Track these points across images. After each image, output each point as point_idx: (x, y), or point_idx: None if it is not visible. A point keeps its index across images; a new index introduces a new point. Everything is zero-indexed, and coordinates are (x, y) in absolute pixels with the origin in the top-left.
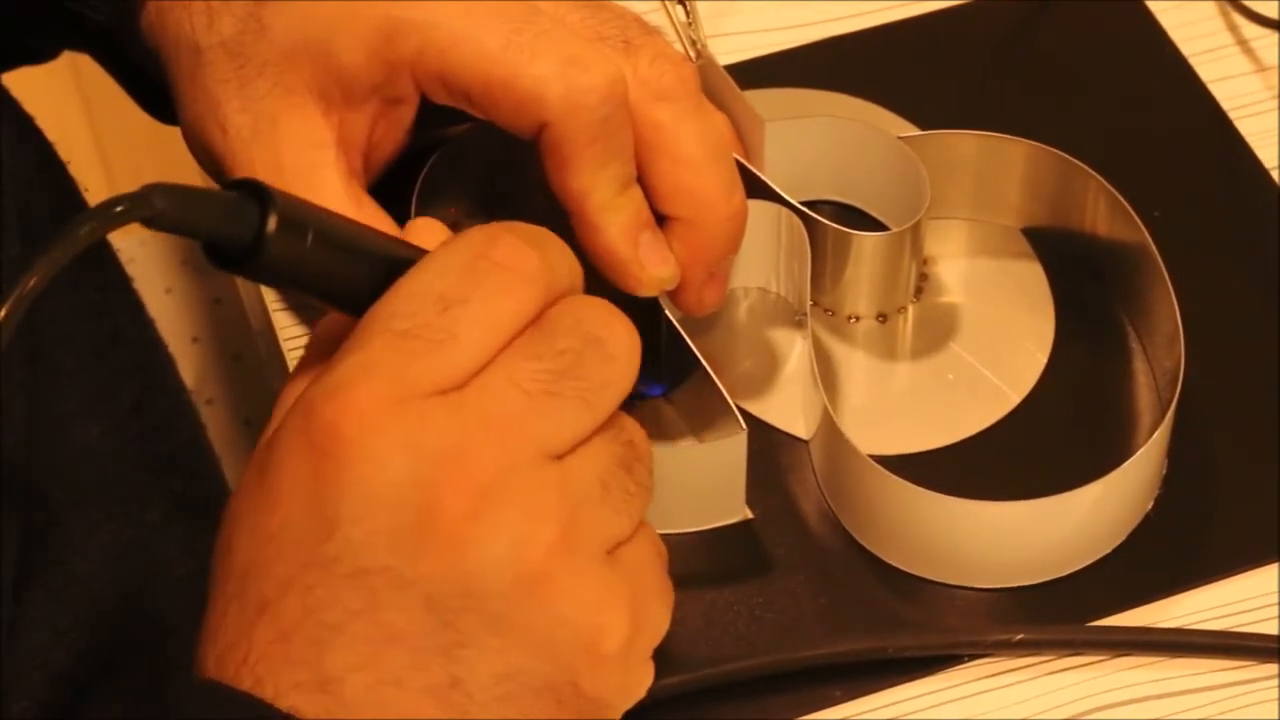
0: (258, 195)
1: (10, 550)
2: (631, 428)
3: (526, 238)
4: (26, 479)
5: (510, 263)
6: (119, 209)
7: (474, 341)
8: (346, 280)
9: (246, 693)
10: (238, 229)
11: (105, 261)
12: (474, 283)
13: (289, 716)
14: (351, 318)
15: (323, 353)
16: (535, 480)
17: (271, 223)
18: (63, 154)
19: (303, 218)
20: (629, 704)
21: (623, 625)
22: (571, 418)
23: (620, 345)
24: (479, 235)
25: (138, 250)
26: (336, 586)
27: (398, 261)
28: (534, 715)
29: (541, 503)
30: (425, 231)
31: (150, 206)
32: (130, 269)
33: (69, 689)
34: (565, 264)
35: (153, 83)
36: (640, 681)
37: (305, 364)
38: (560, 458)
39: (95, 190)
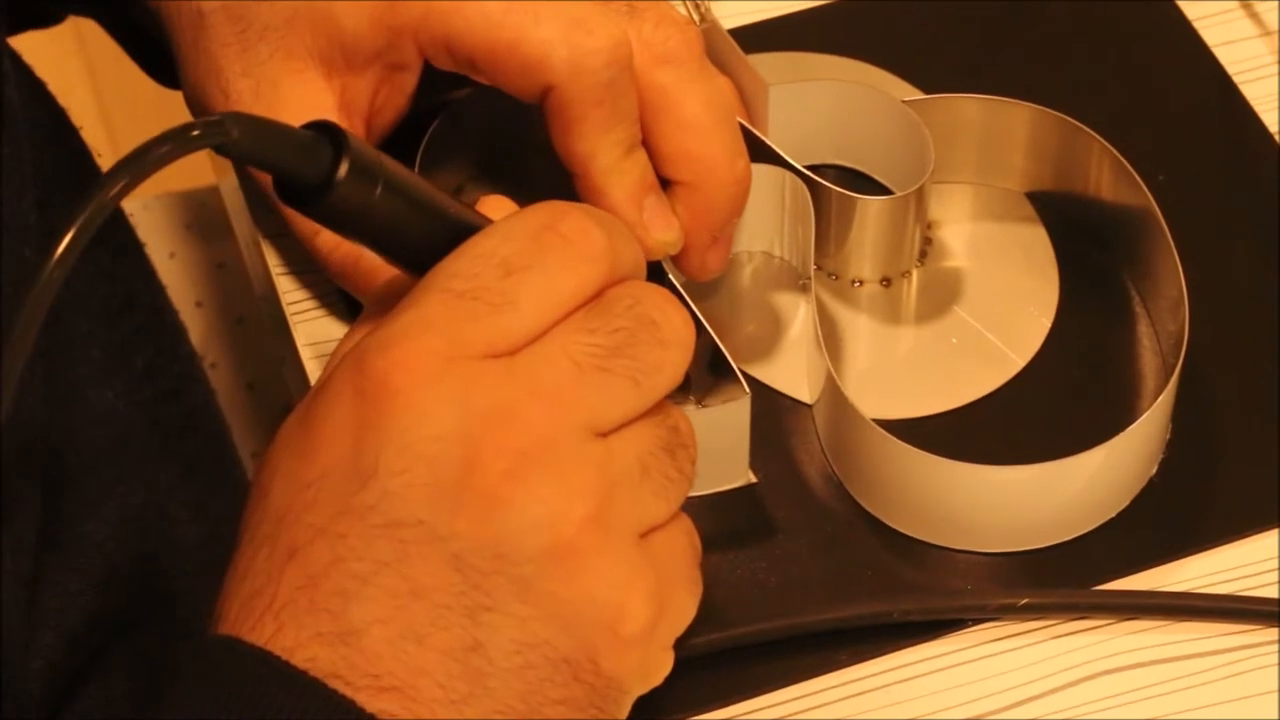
0: (333, 138)
1: (31, 512)
2: (678, 415)
3: (595, 217)
4: (43, 442)
5: (576, 238)
6: (194, 133)
7: (532, 310)
8: (410, 236)
9: (261, 648)
10: (309, 168)
11: (118, 226)
12: (539, 253)
13: (303, 673)
14: (410, 276)
15: (381, 309)
16: (576, 453)
17: (343, 167)
18: None
19: (375, 167)
20: (645, 689)
21: (645, 609)
22: (620, 396)
23: (675, 332)
24: (548, 208)
25: (141, 214)
26: (368, 536)
27: (464, 226)
28: (549, 687)
29: (580, 476)
30: (494, 207)
31: (225, 134)
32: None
33: (82, 649)
34: (630, 250)
35: (155, 46)
36: (658, 668)
37: (363, 320)
38: (605, 435)
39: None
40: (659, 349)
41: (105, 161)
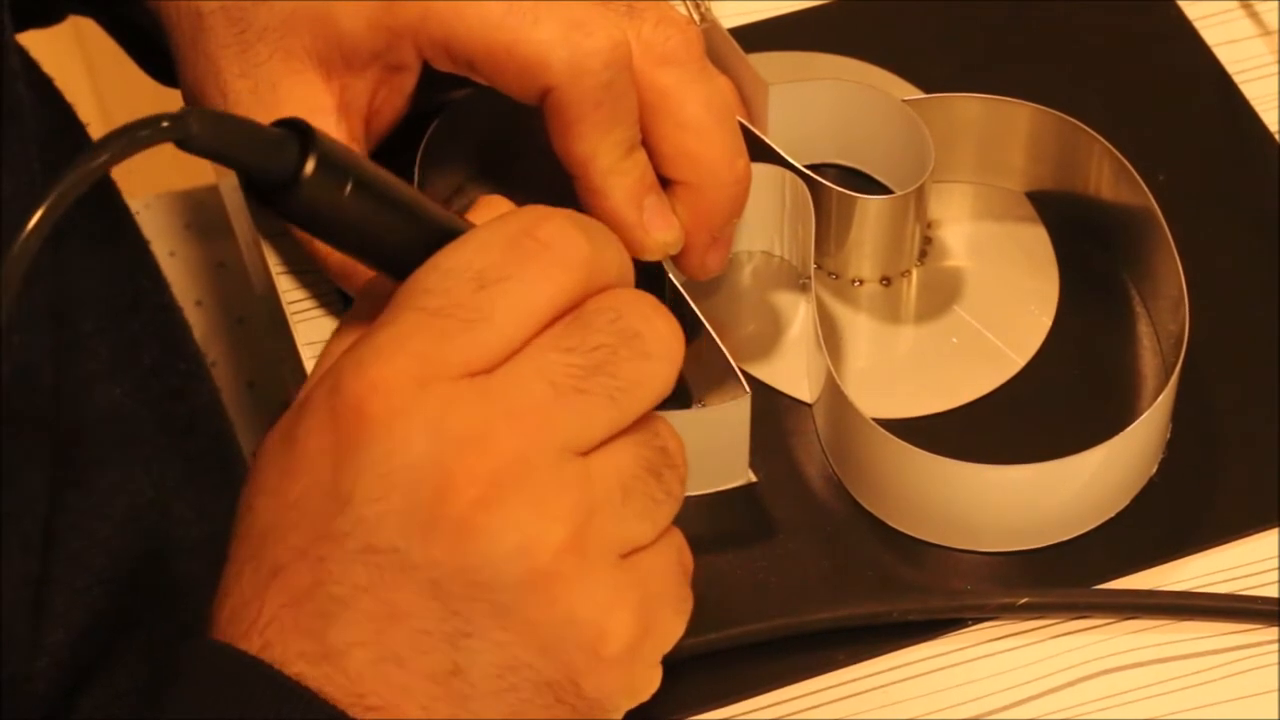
0: (301, 135)
1: (38, 509)
2: (666, 433)
3: (576, 222)
4: (51, 439)
5: (555, 243)
6: (163, 124)
7: (507, 324)
8: (384, 239)
9: (255, 656)
10: (277, 165)
11: (124, 224)
12: (515, 262)
13: (295, 681)
14: (388, 279)
15: (368, 309)
16: (552, 476)
17: (310, 164)
18: None
19: (345, 165)
20: (631, 705)
21: (627, 630)
22: (598, 415)
23: (660, 343)
24: (528, 213)
25: (142, 213)
26: (346, 561)
27: (442, 229)
28: (532, 710)
29: (556, 500)
30: (490, 207)
31: (185, 129)
32: None
33: (88, 648)
34: (614, 255)
35: (155, 46)
36: (645, 686)
37: (350, 320)
38: (585, 454)
39: None
40: (642, 362)
41: None
